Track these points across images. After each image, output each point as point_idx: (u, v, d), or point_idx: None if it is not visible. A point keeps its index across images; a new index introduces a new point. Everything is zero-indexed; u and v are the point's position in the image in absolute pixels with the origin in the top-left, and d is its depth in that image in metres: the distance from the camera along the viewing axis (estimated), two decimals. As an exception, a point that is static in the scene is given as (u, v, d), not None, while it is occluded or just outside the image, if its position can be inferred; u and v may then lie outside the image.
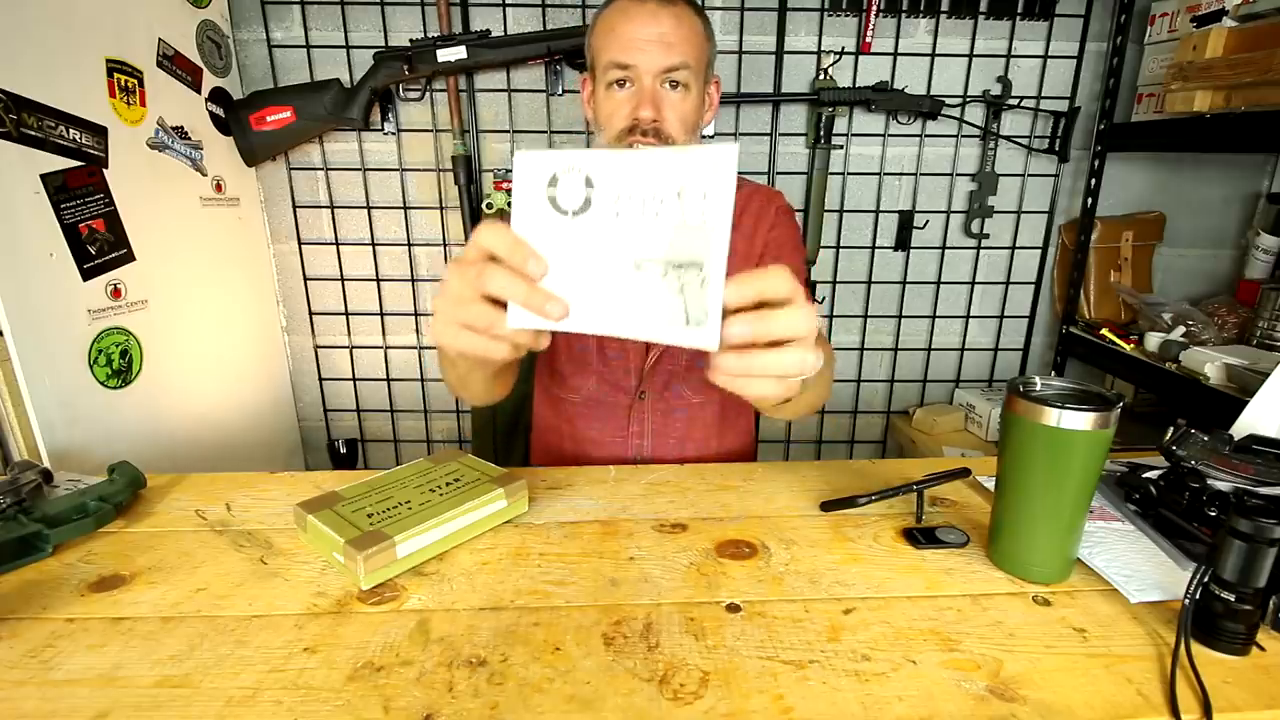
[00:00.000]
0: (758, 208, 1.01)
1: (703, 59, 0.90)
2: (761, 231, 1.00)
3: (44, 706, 0.50)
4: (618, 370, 0.99)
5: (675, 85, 0.88)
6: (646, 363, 0.98)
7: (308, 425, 1.82)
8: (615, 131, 0.89)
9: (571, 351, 1.00)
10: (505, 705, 0.50)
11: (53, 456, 1.01)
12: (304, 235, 1.67)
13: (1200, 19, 1.36)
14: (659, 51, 0.85)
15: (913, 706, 0.49)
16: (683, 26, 0.86)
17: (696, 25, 0.89)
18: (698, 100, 0.90)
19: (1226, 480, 0.71)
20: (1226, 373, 1.27)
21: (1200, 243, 1.77)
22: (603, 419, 1.01)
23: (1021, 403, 0.60)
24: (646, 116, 0.86)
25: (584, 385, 1.01)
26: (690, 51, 0.87)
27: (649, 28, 0.85)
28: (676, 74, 0.87)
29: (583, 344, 0.99)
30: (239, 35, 1.53)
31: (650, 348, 0.98)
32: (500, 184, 1.58)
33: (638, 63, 0.86)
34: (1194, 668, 0.52)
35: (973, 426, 1.72)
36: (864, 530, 0.73)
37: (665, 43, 0.85)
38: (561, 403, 1.04)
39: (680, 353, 0.97)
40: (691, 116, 0.90)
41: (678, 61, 0.86)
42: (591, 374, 1.00)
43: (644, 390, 0.99)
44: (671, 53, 0.85)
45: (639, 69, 0.86)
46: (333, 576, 0.66)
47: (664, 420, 1.00)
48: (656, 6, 0.86)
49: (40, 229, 1.04)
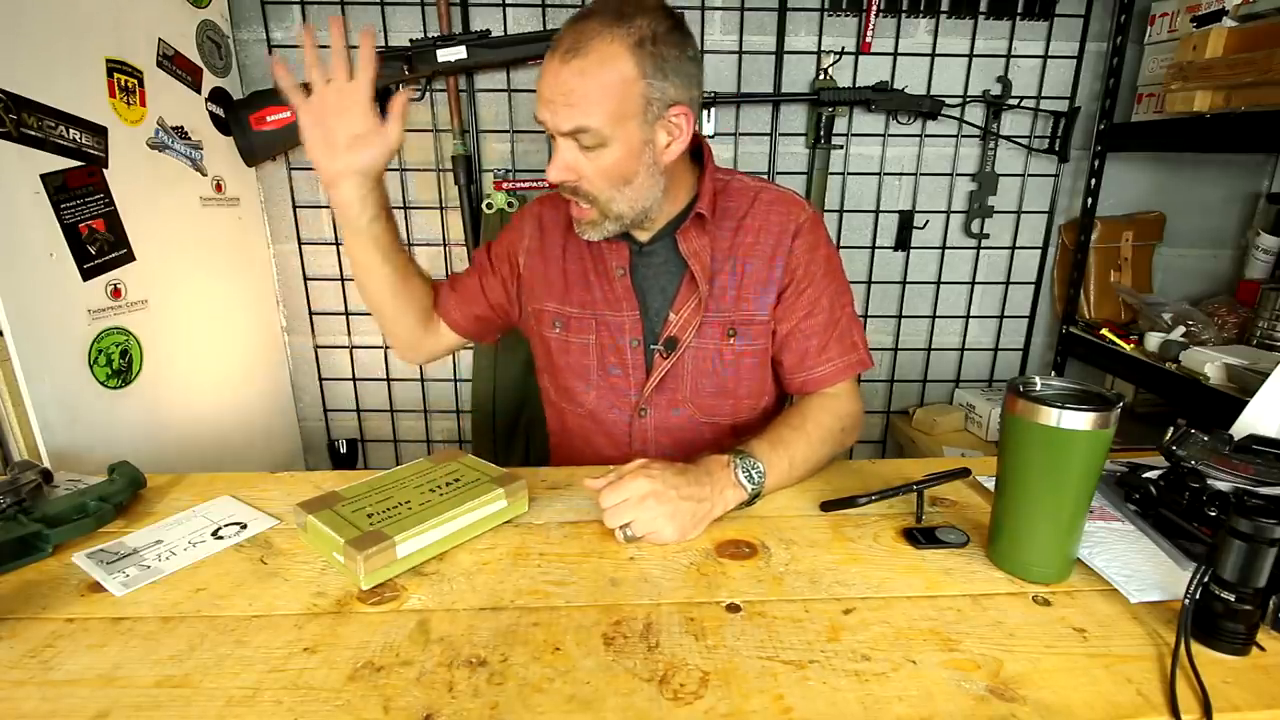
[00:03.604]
0: (778, 228, 0.91)
1: (622, 112, 0.78)
2: (782, 254, 0.91)
3: (44, 706, 0.50)
4: (618, 386, 0.96)
5: (586, 146, 0.80)
6: (648, 385, 0.94)
7: (308, 425, 1.82)
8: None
9: (572, 365, 0.98)
10: (505, 705, 0.50)
11: (53, 456, 1.01)
12: (304, 235, 1.67)
13: (1200, 19, 1.36)
14: (561, 112, 0.78)
15: (913, 706, 0.49)
16: (588, 81, 0.76)
17: (609, 77, 0.76)
18: (624, 152, 0.80)
19: (1226, 480, 0.71)
20: (1226, 373, 1.27)
21: (1200, 243, 1.77)
22: (606, 432, 0.99)
23: (1021, 403, 0.60)
24: (552, 178, 0.83)
25: (585, 399, 0.99)
26: (595, 110, 0.77)
27: (553, 84, 0.78)
28: (581, 137, 0.79)
29: (584, 360, 0.97)
30: (239, 35, 1.53)
31: (653, 369, 0.94)
32: (500, 184, 1.58)
33: (546, 119, 0.80)
34: (1194, 668, 0.52)
35: (973, 426, 1.72)
36: (864, 530, 0.73)
37: (565, 104, 0.77)
38: (566, 413, 1.03)
39: (684, 373, 0.94)
40: (618, 169, 0.81)
41: (575, 125, 0.78)
42: (592, 388, 0.98)
43: (645, 407, 0.96)
44: (572, 115, 0.77)
45: (549, 126, 0.80)
46: (333, 576, 0.66)
47: (667, 437, 0.97)
48: (560, 61, 0.77)
49: (40, 229, 1.04)
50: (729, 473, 0.75)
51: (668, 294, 0.93)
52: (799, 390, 0.95)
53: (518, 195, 1.59)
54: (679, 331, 0.92)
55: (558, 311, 0.98)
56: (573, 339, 0.97)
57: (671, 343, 0.93)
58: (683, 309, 0.92)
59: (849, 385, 0.94)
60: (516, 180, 1.60)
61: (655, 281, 0.94)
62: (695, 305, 0.91)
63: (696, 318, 0.91)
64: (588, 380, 0.98)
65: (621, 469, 0.74)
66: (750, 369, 0.94)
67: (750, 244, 0.91)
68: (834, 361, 0.92)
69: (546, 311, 0.99)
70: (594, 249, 0.95)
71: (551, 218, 1.00)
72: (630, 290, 0.93)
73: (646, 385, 0.95)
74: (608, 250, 0.93)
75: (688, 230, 0.90)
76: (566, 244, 0.97)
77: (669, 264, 0.93)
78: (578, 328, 0.97)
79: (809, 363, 0.92)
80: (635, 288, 0.93)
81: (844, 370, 0.92)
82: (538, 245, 0.99)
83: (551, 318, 0.98)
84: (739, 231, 0.92)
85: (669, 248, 0.92)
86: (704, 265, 0.90)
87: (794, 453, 0.81)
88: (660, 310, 0.94)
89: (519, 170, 1.62)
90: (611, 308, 0.94)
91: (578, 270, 0.96)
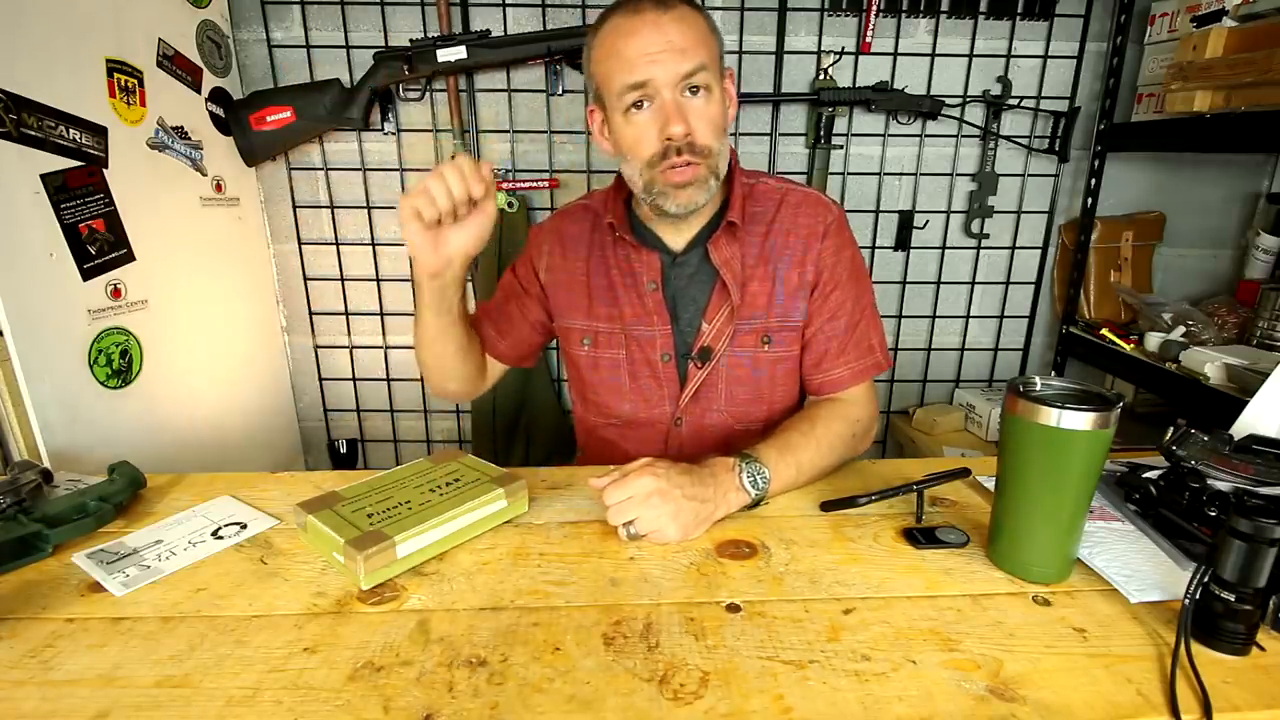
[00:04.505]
0: (807, 230, 0.91)
1: (716, 56, 0.83)
2: (812, 258, 0.91)
3: (44, 706, 0.50)
4: (653, 399, 0.95)
5: (697, 91, 0.81)
6: (684, 396, 0.94)
7: (308, 425, 1.82)
8: (646, 157, 0.83)
9: (604, 380, 0.97)
10: (505, 705, 0.50)
11: (53, 456, 1.01)
12: (304, 235, 1.67)
13: (1200, 19, 1.36)
14: (673, 59, 0.78)
15: (913, 706, 0.49)
16: (689, 27, 0.80)
17: (701, 23, 0.82)
18: (721, 101, 0.84)
19: (1226, 480, 0.71)
20: (1226, 373, 1.27)
21: (1200, 243, 1.77)
22: (639, 441, 0.98)
23: (1021, 403, 0.60)
24: (679, 133, 0.79)
25: (620, 412, 0.98)
26: (704, 51, 0.80)
27: (655, 38, 0.78)
28: (696, 78, 0.80)
29: (615, 375, 0.96)
30: (239, 35, 1.53)
31: (687, 381, 0.93)
32: (500, 184, 1.58)
33: (654, 76, 0.79)
34: (1194, 668, 0.52)
35: (973, 426, 1.72)
36: (864, 530, 0.73)
37: (676, 49, 0.78)
38: (598, 426, 1.01)
39: (719, 382, 0.93)
40: (719, 120, 0.83)
41: (695, 64, 0.79)
42: (625, 400, 0.97)
43: (680, 417, 0.95)
44: (686, 57, 0.79)
45: (656, 83, 0.79)
46: (333, 576, 0.66)
47: (701, 444, 0.96)
48: (656, 14, 0.79)
49: (40, 229, 1.04)
50: (733, 476, 0.75)
51: (699, 304, 0.92)
52: (815, 391, 0.95)
53: (518, 195, 1.59)
54: (712, 341, 0.92)
55: (585, 328, 0.97)
56: (602, 355, 0.97)
57: (706, 353, 0.92)
58: (715, 318, 0.91)
59: (864, 389, 0.93)
60: (516, 180, 1.60)
61: (687, 292, 0.93)
62: (728, 314, 0.90)
63: (729, 326, 0.91)
64: (621, 394, 0.97)
65: (626, 467, 0.74)
66: (785, 374, 0.94)
67: (780, 248, 0.91)
68: (850, 365, 0.92)
69: (574, 329, 0.98)
70: (623, 263, 0.94)
71: (571, 232, 0.98)
72: (662, 304, 0.92)
73: (682, 396, 0.94)
74: (639, 263, 0.92)
75: (719, 239, 0.89)
76: (590, 258, 0.96)
77: (700, 273, 0.92)
78: (606, 343, 0.96)
79: (826, 365, 0.92)
80: (666, 299, 0.92)
81: (858, 375, 0.92)
82: (560, 261, 0.98)
83: (580, 335, 0.97)
84: (769, 235, 0.91)
85: (700, 256, 0.92)
86: (735, 274, 0.89)
87: (801, 459, 0.80)
88: (692, 320, 0.93)
89: (519, 170, 1.62)
90: (642, 322, 0.93)
91: (603, 284, 0.95)
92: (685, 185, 0.83)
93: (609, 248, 0.95)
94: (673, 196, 0.84)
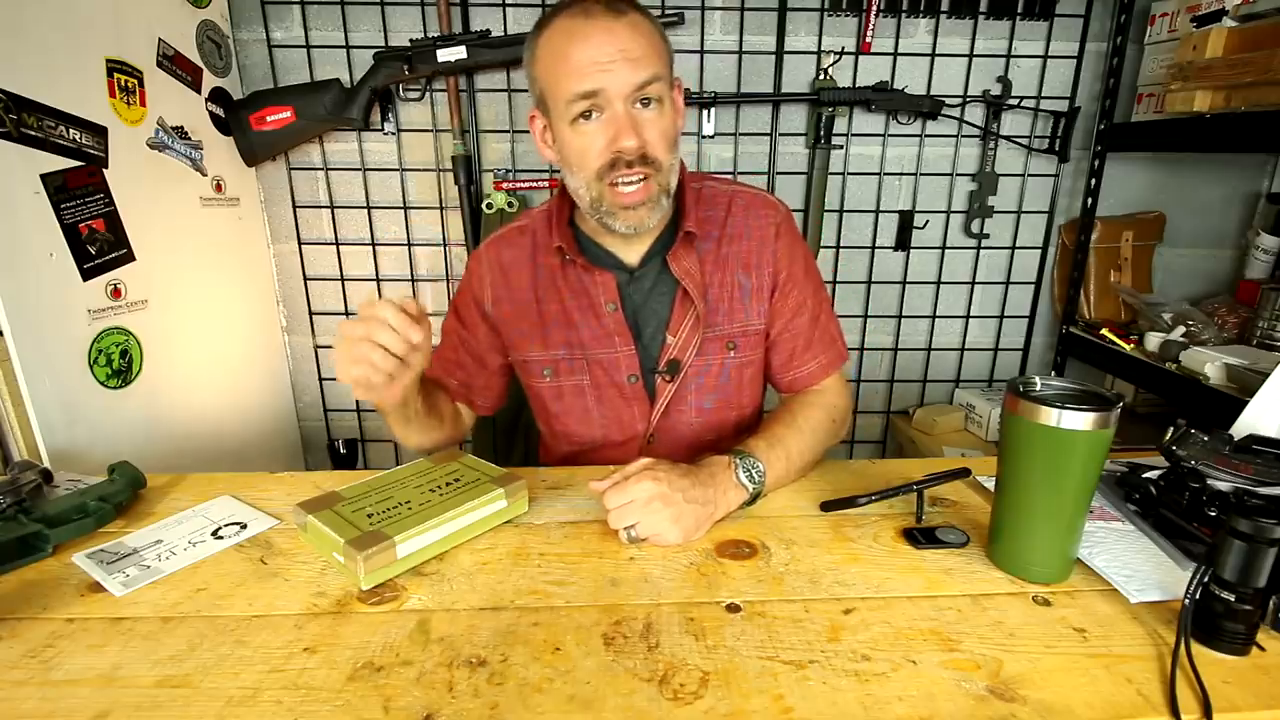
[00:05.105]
0: (759, 232, 0.91)
1: (668, 66, 0.80)
2: (768, 259, 0.90)
3: (44, 706, 0.50)
4: (624, 420, 0.93)
5: (649, 103, 0.77)
6: (654, 413, 0.92)
7: (308, 425, 1.82)
8: (594, 170, 0.79)
9: (569, 409, 0.95)
10: (505, 705, 0.50)
11: (53, 456, 1.01)
12: (304, 235, 1.67)
13: (1200, 19, 1.36)
14: (626, 69, 0.74)
15: (913, 706, 0.49)
16: (643, 35, 0.75)
17: (654, 31, 0.78)
18: (672, 113, 0.81)
19: (1226, 480, 0.71)
20: (1226, 373, 1.27)
21: (1200, 243, 1.77)
22: (613, 458, 0.96)
23: (1021, 403, 0.60)
24: (631, 146, 0.76)
25: (589, 436, 0.95)
26: (657, 62, 0.77)
27: (607, 45, 0.74)
28: (650, 89, 0.76)
29: (581, 402, 0.93)
30: (239, 35, 1.53)
31: (656, 397, 0.92)
32: (500, 184, 1.58)
33: (605, 86, 0.74)
34: (1194, 668, 0.52)
35: (973, 426, 1.72)
36: (864, 530, 0.73)
37: (630, 58, 0.74)
38: (568, 456, 0.99)
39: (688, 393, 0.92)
40: (671, 132, 0.80)
41: (649, 75, 0.75)
42: (595, 427, 0.94)
43: (653, 434, 0.94)
44: (640, 67, 0.74)
45: (608, 93, 0.75)
46: (333, 576, 0.66)
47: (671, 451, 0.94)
48: (609, 19, 0.74)
49: (40, 229, 1.04)
50: (731, 474, 0.75)
51: (661, 317, 0.90)
52: (788, 389, 0.95)
53: (518, 195, 1.59)
54: (679, 353, 0.90)
55: (544, 359, 0.93)
56: (565, 383, 0.93)
57: (674, 365, 0.90)
58: (680, 330, 0.89)
59: (835, 380, 0.95)
60: (516, 180, 1.60)
61: (647, 306, 0.90)
62: (693, 323, 0.89)
63: (696, 335, 0.89)
64: (589, 422, 0.95)
65: (626, 469, 0.73)
66: (751, 379, 0.95)
67: (736, 253, 0.90)
68: (818, 359, 0.93)
69: (532, 361, 0.94)
70: (575, 285, 0.90)
71: (510, 259, 0.93)
72: (623, 323, 0.89)
73: (653, 413, 0.92)
74: (593, 285, 0.89)
75: (678, 250, 0.87)
76: (537, 284, 0.91)
77: (659, 285, 0.90)
78: (568, 370, 0.93)
79: (796, 361, 0.93)
80: (627, 318, 0.90)
81: (827, 367, 0.93)
82: (505, 292, 0.93)
83: (539, 366, 0.94)
84: (722, 241, 0.90)
85: (659, 268, 0.89)
86: (697, 283, 0.88)
87: (790, 448, 0.81)
88: (655, 334, 0.91)
89: (519, 170, 1.62)
90: (603, 345, 0.90)
91: (556, 311, 0.91)
92: (635, 206, 0.80)
93: (557, 271, 0.90)
94: (621, 218, 0.81)
